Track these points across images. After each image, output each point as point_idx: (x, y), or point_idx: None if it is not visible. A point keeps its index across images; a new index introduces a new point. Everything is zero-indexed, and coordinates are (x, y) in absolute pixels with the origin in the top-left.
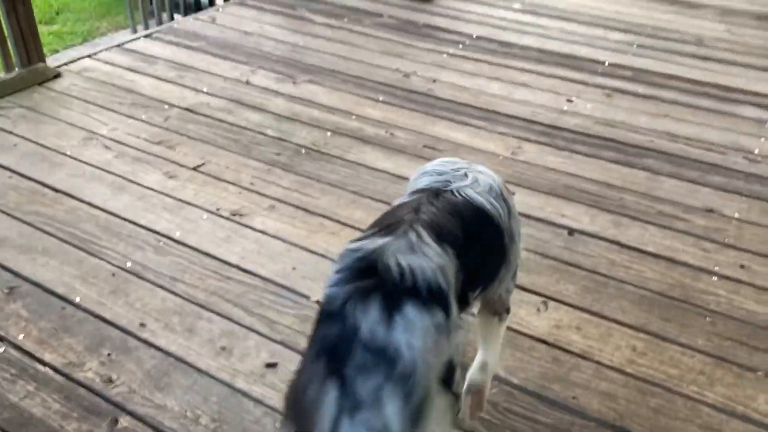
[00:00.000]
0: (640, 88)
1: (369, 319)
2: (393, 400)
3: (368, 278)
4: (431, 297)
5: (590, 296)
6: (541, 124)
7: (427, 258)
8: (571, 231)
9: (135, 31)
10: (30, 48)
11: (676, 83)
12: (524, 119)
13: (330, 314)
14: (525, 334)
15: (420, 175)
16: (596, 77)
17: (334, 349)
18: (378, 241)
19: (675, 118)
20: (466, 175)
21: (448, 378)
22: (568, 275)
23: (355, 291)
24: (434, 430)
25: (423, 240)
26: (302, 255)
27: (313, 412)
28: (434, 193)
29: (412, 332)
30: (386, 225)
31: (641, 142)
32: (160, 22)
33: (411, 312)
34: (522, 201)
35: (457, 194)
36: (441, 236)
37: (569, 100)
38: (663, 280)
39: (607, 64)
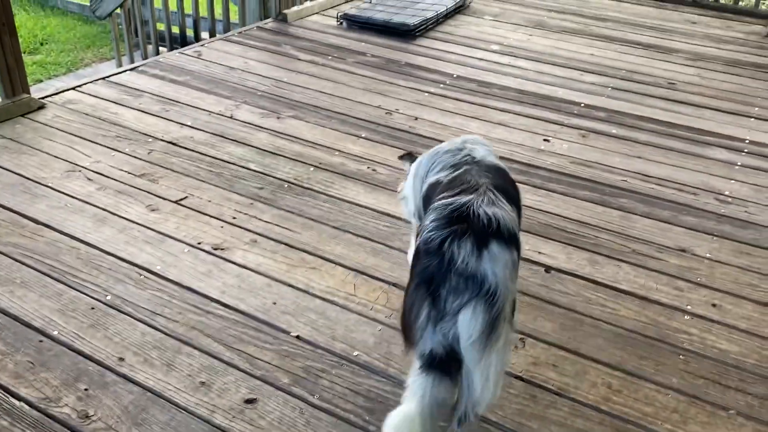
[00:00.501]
0: (615, 129)
1: (463, 253)
2: (478, 313)
3: (461, 224)
4: (509, 239)
5: (567, 334)
6: (518, 162)
7: (504, 210)
8: (548, 268)
9: (120, 63)
10: (15, 79)
11: (649, 125)
12: (502, 157)
13: (428, 252)
14: None
15: (433, 157)
16: (572, 118)
17: (432, 277)
18: (465, 198)
19: (648, 159)
20: (473, 148)
21: (512, 313)
22: (545, 312)
23: (451, 233)
24: (499, 352)
25: (498, 198)
26: (283, 290)
27: (413, 328)
28: (476, 163)
29: (496, 263)
30: (465, 188)
31: (615, 181)
32: (145, 55)
33: (496, 249)
34: None
35: (487, 162)
36: (505, 194)
37: (546, 140)
38: (637, 318)
39: (582, 105)
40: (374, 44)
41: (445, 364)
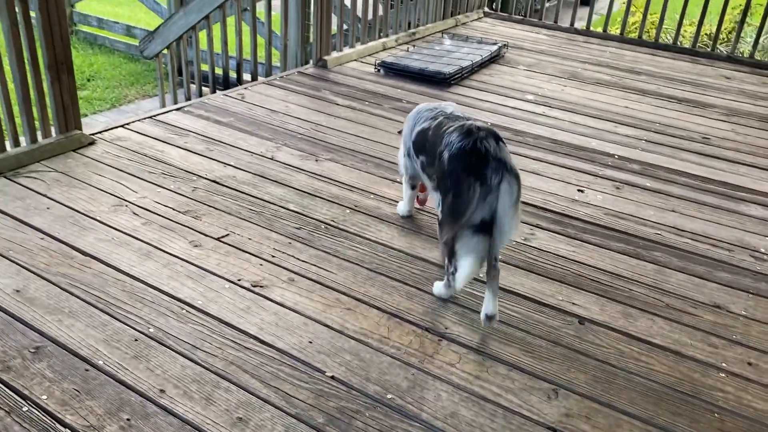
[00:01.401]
0: (649, 182)
1: (492, 146)
2: (512, 183)
3: (481, 130)
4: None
5: (600, 386)
6: (552, 212)
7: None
8: (582, 320)
9: (163, 100)
10: (69, 116)
11: (683, 179)
12: (536, 206)
13: (467, 151)
14: (535, 421)
15: (416, 116)
16: (606, 169)
17: (476, 165)
18: (468, 121)
19: (682, 213)
20: (446, 105)
21: None
22: (578, 364)
23: (478, 136)
24: (518, 206)
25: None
26: (318, 329)
27: (468, 208)
28: (449, 114)
29: (508, 152)
30: (456, 122)
31: (649, 234)
32: (188, 95)
33: (503, 144)
34: (534, 287)
35: (456, 114)
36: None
37: (580, 190)
38: (672, 373)
39: (616, 157)
40: (410, 91)
41: (487, 226)
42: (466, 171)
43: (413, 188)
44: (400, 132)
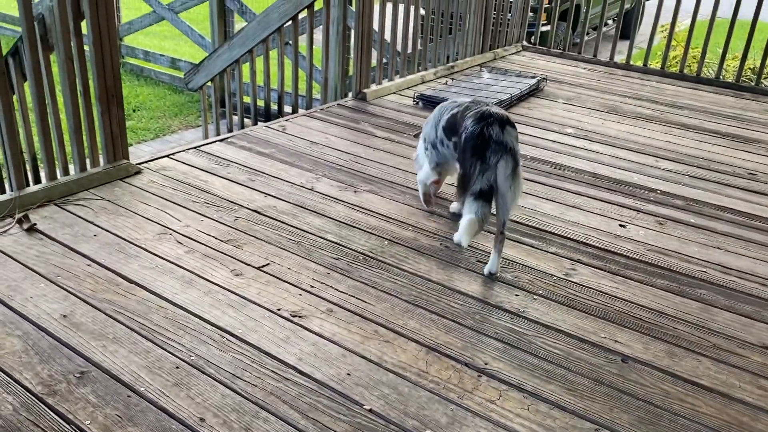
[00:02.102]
0: (692, 218)
1: (495, 131)
2: (508, 162)
3: (491, 117)
4: (512, 124)
5: (645, 427)
6: (594, 247)
7: (504, 112)
8: (625, 358)
9: (206, 131)
10: (117, 146)
11: (728, 215)
12: (577, 241)
13: (475, 135)
14: None
15: (441, 111)
16: (648, 204)
17: (480, 147)
18: (484, 107)
19: (728, 250)
20: (467, 100)
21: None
22: (621, 403)
23: (486, 123)
24: (518, 181)
25: (498, 108)
26: (356, 361)
27: (472, 178)
28: (474, 102)
29: (511, 136)
30: (479, 107)
31: (694, 272)
32: (230, 126)
33: (509, 129)
34: (576, 324)
35: (479, 101)
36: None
37: (622, 225)
38: (719, 416)
39: (659, 192)
40: None
41: (486, 194)
42: (472, 150)
43: (440, 175)
44: (416, 135)
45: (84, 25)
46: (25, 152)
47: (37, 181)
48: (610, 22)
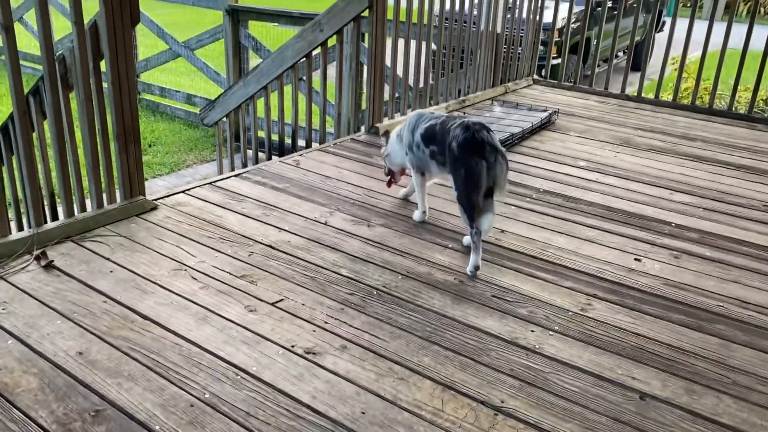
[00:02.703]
0: (708, 252)
1: (486, 136)
2: (501, 162)
3: (476, 125)
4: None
5: None
6: (609, 281)
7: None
8: (643, 395)
9: (221, 165)
10: (134, 183)
11: (744, 248)
12: (592, 275)
13: (469, 141)
14: None
15: (417, 121)
16: (663, 238)
17: (477, 149)
18: (465, 119)
19: (745, 284)
20: (438, 113)
21: None
22: None
23: (475, 129)
24: (504, 185)
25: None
26: (371, 399)
27: (480, 177)
28: (447, 116)
29: (496, 139)
30: (457, 119)
31: (711, 306)
32: (244, 160)
33: (493, 133)
34: (592, 360)
35: (452, 117)
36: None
37: (637, 259)
38: None
39: (673, 225)
40: None
41: (491, 191)
42: (472, 154)
43: (423, 174)
44: (384, 134)
45: (103, 65)
46: (43, 189)
47: (55, 217)
48: (620, 54)
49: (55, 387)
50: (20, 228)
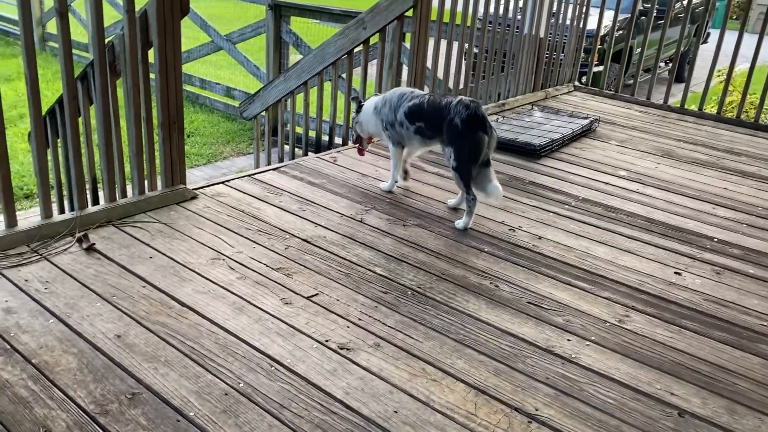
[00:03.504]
0: (751, 269)
1: (482, 112)
2: (493, 133)
3: (473, 102)
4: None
5: None
6: (648, 293)
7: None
8: (682, 412)
9: (258, 159)
10: (176, 171)
11: None
12: (631, 287)
13: (472, 117)
14: None
15: (400, 99)
16: (705, 252)
17: (477, 123)
18: (458, 97)
19: None
20: (415, 91)
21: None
22: None
23: (476, 106)
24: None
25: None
26: (404, 399)
27: (482, 149)
28: (442, 95)
29: (487, 115)
30: (445, 97)
31: (753, 325)
32: (281, 155)
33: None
34: (629, 373)
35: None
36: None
37: (677, 273)
38: None
39: (716, 240)
40: (498, 161)
41: (486, 162)
42: (476, 128)
43: (403, 148)
44: (354, 99)
45: (151, 54)
46: (85, 173)
47: (96, 202)
48: (662, 64)
49: (93, 368)
50: (61, 210)
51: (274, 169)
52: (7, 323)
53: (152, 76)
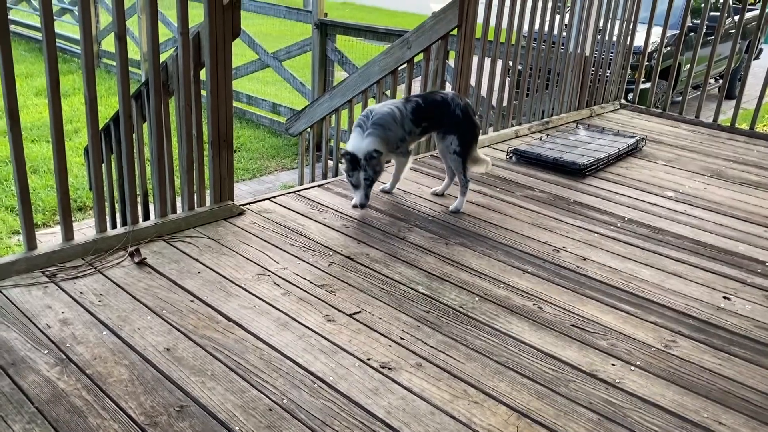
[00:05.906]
0: None
1: (472, 109)
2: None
3: (462, 100)
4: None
5: None
6: (695, 318)
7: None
8: None
9: (302, 174)
10: (224, 188)
11: None
12: (677, 311)
13: (469, 107)
14: None
15: (391, 112)
16: (755, 277)
17: (473, 113)
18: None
19: None
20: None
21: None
22: None
23: (463, 98)
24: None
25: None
26: (445, 420)
27: (477, 136)
28: (419, 97)
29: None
30: (438, 95)
31: None
32: (325, 169)
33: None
34: (675, 400)
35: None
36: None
37: (726, 298)
38: None
39: (767, 264)
40: (542, 180)
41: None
42: (472, 117)
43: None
44: (344, 154)
45: (203, 74)
46: (137, 188)
47: (146, 216)
48: (712, 81)
49: (143, 380)
50: (113, 224)
51: (318, 186)
52: (63, 334)
53: (203, 92)
